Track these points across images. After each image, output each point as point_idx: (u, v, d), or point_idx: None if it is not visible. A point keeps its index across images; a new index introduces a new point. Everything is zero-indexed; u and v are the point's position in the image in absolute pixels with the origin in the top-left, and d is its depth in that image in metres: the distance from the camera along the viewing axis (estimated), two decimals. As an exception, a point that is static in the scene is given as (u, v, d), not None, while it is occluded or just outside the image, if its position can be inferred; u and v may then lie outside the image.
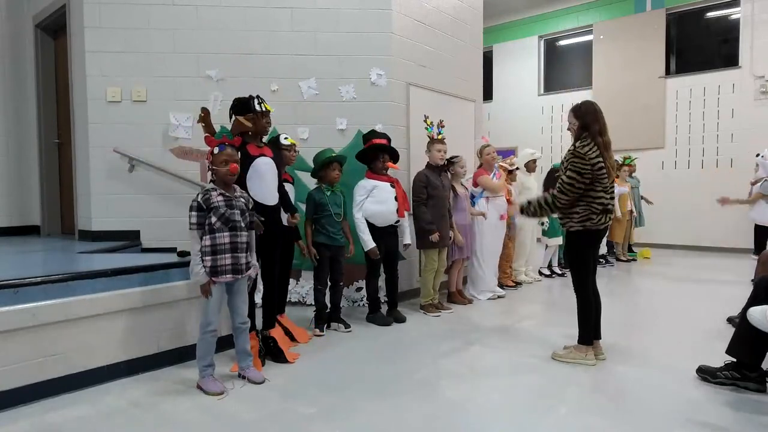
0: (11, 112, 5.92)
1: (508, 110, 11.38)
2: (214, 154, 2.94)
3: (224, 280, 2.93)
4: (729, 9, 9.11)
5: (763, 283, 2.97)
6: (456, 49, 5.90)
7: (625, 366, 3.32)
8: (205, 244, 2.88)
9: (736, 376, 2.89)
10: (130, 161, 4.75)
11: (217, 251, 2.88)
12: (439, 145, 4.73)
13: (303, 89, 4.94)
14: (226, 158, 2.93)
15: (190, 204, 2.89)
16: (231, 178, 2.97)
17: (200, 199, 2.88)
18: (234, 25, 4.85)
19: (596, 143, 3.21)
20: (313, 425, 2.53)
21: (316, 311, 4.15)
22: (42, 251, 4.56)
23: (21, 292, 2.74)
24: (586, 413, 2.65)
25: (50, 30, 5.84)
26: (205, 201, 2.87)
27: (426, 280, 4.77)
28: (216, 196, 2.90)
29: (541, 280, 6.44)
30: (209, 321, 2.92)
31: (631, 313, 4.86)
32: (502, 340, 3.94)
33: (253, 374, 3.08)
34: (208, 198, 2.88)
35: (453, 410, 2.69)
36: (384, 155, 4.40)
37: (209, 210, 2.86)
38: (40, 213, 6.00)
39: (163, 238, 4.70)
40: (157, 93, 4.79)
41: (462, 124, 6.00)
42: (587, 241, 3.33)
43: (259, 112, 3.36)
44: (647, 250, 8.50)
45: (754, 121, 8.58)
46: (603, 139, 3.24)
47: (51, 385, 2.83)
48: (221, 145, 2.97)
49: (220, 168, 2.92)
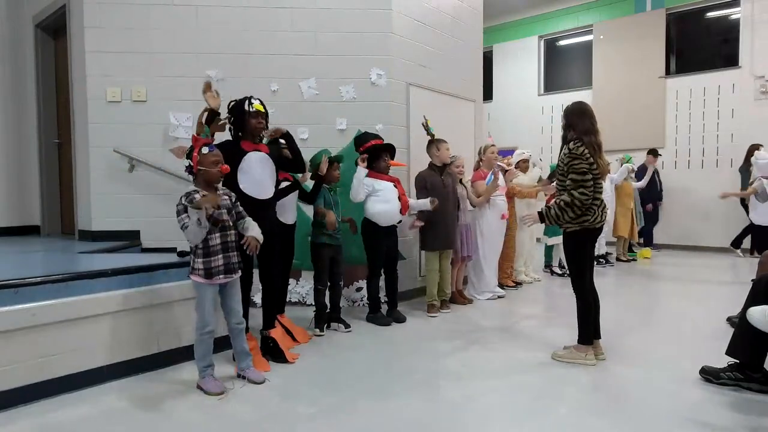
0: (11, 112, 5.92)
1: (508, 110, 11.36)
2: (202, 154, 2.88)
3: (218, 281, 2.92)
4: (729, 9, 9.10)
5: (763, 283, 2.96)
6: (456, 49, 5.90)
7: (625, 366, 3.32)
8: (198, 247, 2.85)
9: (739, 376, 2.88)
10: (130, 161, 4.75)
11: (210, 253, 2.86)
12: (446, 143, 4.74)
13: (303, 89, 4.94)
14: (217, 159, 2.90)
15: (177, 209, 2.81)
16: (221, 179, 2.95)
17: (184, 201, 2.80)
18: (234, 25, 4.85)
19: (585, 144, 3.21)
20: (313, 425, 2.53)
21: (316, 311, 4.15)
22: (42, 251, 4.56)
23: (21, 292, 2.73)
24: (586, 413, 2.65)
25: (50, 30, 5.84)
26: (189, 202, 2.79)
27: (427, 280, 4.77)
28: (199, 197, 2.80)
29: (541, 280, 6.44)
30: (205, 322, 2.90)
31: (631, 313, 4.86)
32: (502, 340, 3.94)
33: (253, 374, 3.08)
34: (192, 200, 2.79)
35: (453, 410, 2.69)
36: (386, 155, 4.40)
37: None
38: (40, 213, 6.00)
39: (163, 238, 4.68)
40: (157, 93, 4.79)
41: (462, 124, 6.00)
42: (584, 240, 3.33)
43: (249, 112, 3.33)
44: (647, 250, 8.49)
45: (754, 121, 8.57)
46: (590, 139, 3.23)
47: (51, 385, 2.82)
48: (211, 146, 2.93)
49: (211, 169, 2.88)
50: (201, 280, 2.88)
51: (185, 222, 2.78)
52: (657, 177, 8.93)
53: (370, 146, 4.34)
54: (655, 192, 8.94)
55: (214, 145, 2.97)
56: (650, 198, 8.78)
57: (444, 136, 4.89)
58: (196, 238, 2.81)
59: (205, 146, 2.92)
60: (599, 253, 7.30)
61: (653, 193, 8.85)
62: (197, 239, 2.82)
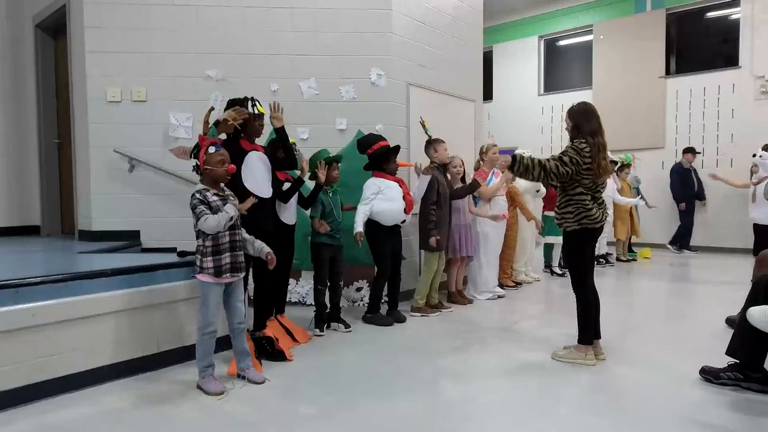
0: (11, 112, 5.91)
1: (508, 110, 11.35)
2: (209, 153, 2.91)
3: (225, 280, 2.93)
4: (729, 9, 9.10)
5: (762, 283, 2.96)
6: (456, 49, 5.89)
7: (625, 366, 3.32)
8: (207, 244, 2.87)
9: (739, 376, 2.88)
10: (130, 161, 4.75)
11: (219, 251, 2.88)
12: (444, 144, 4.74)
13: (303, 89, 4.94)
14: (223, 158, 2.92)
15: (192, 202, 2.84)
16: (227, 178, 2.96)
17: (200, 196, 2.85)
18: (234, 25, 4.85)
19: (589, 144, 3.23)
20: (313, 425, 2.53)
21: (316, 311, 4.15)
22: (42, 251, 4.56)
23: (21, 292, 2.73)
24: (586, 413, 2.65)
25: (50, 30, 5.84)
26: (204, 198, 2.85)
27: (423, 280, 4.75)
28: (211, 195, 2.88)
29: (540, 280, 6.44)
30: (209, 322, 2.91)
31: (632, 313, 4.86)
32: (502, 340, 3.94)
33: (253, 374, 3.08)
34: (206, 197, 2.86)
35: (453, 410, 2.69)
36: (394, 156, 4.40)
37: (209, 207, 2.84)
38: (40, 213, 5.99)
39: (163, 238, 4.69)
40: (157, 93, 4.79)
41: (462, 124, 6.00)
42: (584, 239, 3.33)
43: (252, 114, 3.37)
44: (647, 250, 8.49)
45: (754, 121, 8.56)
46: (596, 140, 3.25)
47: (51, 385, 2.82)
48: (216, 146, 2.95)
49: (217, 168, 2.90)
50: (209, 279, 2.88)
51: (206, 214, 2.80)
52: (695, 176, 8.81)
53: (379, 148, 4.32)
54: (692, 191, 8.79)
55: (220, 145, 2.98)
56: (686, 197, 8.72)
57: (444, 136, 4.89)
58: (215, 229, 2.83)
59: (212, 146, 2.93)
60: (599, 253, 7.30)
61: (689, 192, 8.75)
62: (215, 231, 2.84)
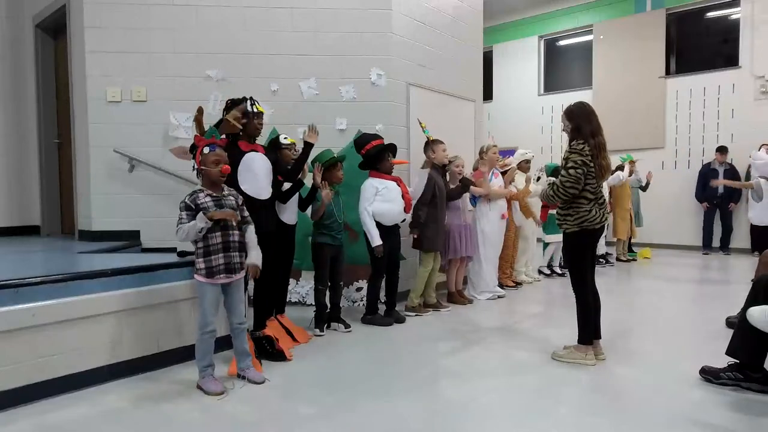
0: (11, 112, 5.92)
1: (508, 110, 11.36)
2: (204, 154, 2.92)
3: (219, 281, 2.92)
4: (729, 9, 9.10)
5: (762, 283, 2.96)
6: (456, 49, 5.89)
7: (625, 366, 3.32)
8: (199, 245, 2.88)
9: (739, 377, 2.88)
10: (130, 161, 4.75)
11: (210, 252, 2.87)
12: (443, 144, 4.73)
13: (303, 89, 4.94)
14: (217, 158, 2.92)
15: (179, 206, 2.88)
16: (222, 179, 2.96)
17: (188, 200, 2.87)
18: (234, 25, 4.85)
19: (589, 144, 3.24)
20: (313, 425, 2.53)
21: (316, 311, 4.15)
22: (42, 251, 4.56)
23: (21, 292, 2.73)
24: (585, 413, 2.66)
25: (50, 30, 5.84)
26: (193, 201, 2.86)
27: (418, 279, 4.73)
28: (203, 197, 2.89)
29: (540, 280, 6.44)
30: (207, 321, 2.91)
31: (631, 313, 4.86)
32: (502, 340, 3.94)
33: (253, 374, 3.08)
34: (195, 199, 2.87)
35: (453, 410, 2.69)
36: (389, 154, 4.40)
37: (197, 210, 2.84)
38: (40, 213, 6.00)
39: (163, 238, 4.68)
40: (157, 93, 4.79)
41: (462, 124, 6.00)
42: (584, 241, 3.33)
43: (252, 113, 3.37)
44: (647, 250, 8.49)
45: (754, 121, 8.56)
46: (595, 140, 3.26)
47: (51, 385, 2.82)
48: (212, 146, 2.95)
49: (211, 168, 2.91)
50: (203, 280, 2.89)
51: (182, 219, 2.83)
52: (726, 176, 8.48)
53: (372, 147, 4.33)
54: (714, 192, 8.63)
55: (216, 145, 2.97)
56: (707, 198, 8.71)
57: (444, 136, 4.88)
58: (184, 239, 2.87)
59: (207, 146, 2.94)
60: (599, 253, 7.30)
61: (712, 192, 8.62)
62: (185, 240, 2.89)
